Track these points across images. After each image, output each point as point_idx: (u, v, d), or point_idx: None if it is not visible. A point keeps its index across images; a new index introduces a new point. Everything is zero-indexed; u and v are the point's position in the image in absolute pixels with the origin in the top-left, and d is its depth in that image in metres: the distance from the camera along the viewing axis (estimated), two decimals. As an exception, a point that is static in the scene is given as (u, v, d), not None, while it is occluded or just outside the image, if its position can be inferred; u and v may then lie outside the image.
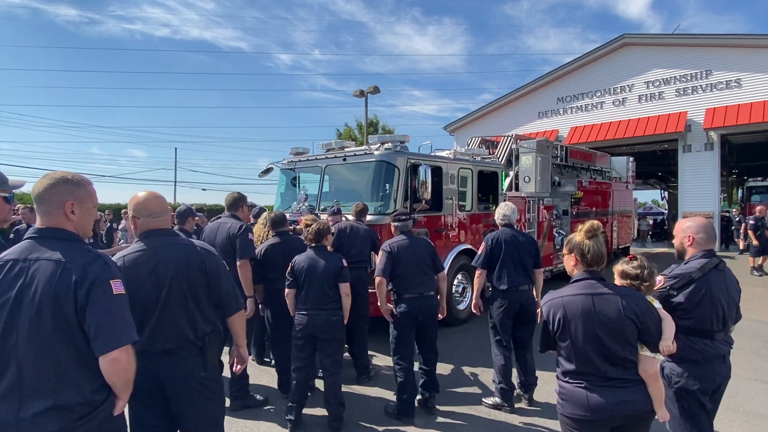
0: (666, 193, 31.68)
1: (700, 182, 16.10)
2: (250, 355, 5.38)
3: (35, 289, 1.59)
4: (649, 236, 21.41)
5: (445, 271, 6.62)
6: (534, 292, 4.27)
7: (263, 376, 4.95)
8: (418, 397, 4.03)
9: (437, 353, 4.13)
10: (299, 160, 7.00)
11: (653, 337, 2.07)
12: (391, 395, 4.28)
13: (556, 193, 10.00)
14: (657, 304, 2.21)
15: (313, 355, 3.79)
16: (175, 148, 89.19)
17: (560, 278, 9.99)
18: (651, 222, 22.92)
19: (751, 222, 11.01)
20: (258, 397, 4.29)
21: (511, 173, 9.14)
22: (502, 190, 8.16)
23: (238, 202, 4.50)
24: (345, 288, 3.76)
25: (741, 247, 15.14)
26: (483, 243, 4.31)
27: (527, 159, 8.83)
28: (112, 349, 1.62)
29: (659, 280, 2.46)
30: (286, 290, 3.78)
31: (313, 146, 7.30)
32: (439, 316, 4.22)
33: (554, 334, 2.14)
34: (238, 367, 2.57)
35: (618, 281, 2.25)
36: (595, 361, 2.03)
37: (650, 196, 50.98)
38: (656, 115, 16.71)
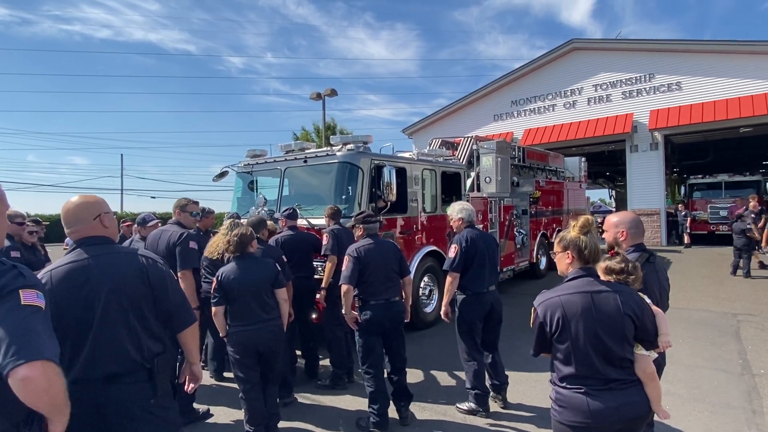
0: (613, 192, 33.15)
1: (647, 180, 16.87)
2: (206, 369, 5.11)
3: None
4: (599, 233, 22.26)
5: (411, 274, 6.59)
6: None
7: (223, 393, 4.61)
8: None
9: (405, 360, 3.96)
10: (257, 163, 6.69)
11: (649, 333, 2.01)
12: (364, 406, 4.07)
13: (515, 193, 10.13)
14: (647, 299, 2.14)
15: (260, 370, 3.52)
16: (121, 155, 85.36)
17: (521, 277, 10.14)
18: (600, 220, 23.87)
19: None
20: (199, 409, 4.04)
21: (473, 174, 9.18)
22: (465, 190, 8.15)
23: (181, 208, 4.28)
24: (282, 293, 3.56)
25: (686, 242, 16.00)
26: (454, 245, 4.06)
27: (488, 160, 8.88)
28: (17, 365, 1.30)
29: None
30: (214, 309, 3.42)
31: (271, 149, 7.01)
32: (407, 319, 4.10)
33: (551, 336, 2.02)
34: (191, 386, 2.30)
35: (602, 278, 2.17)
36: (595, 362, 1.94)
37: (598, 195, 53.25)
38: (605, 117, 17.38)
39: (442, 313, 4.16)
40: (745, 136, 18.26)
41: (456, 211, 4.27)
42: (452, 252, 4.05)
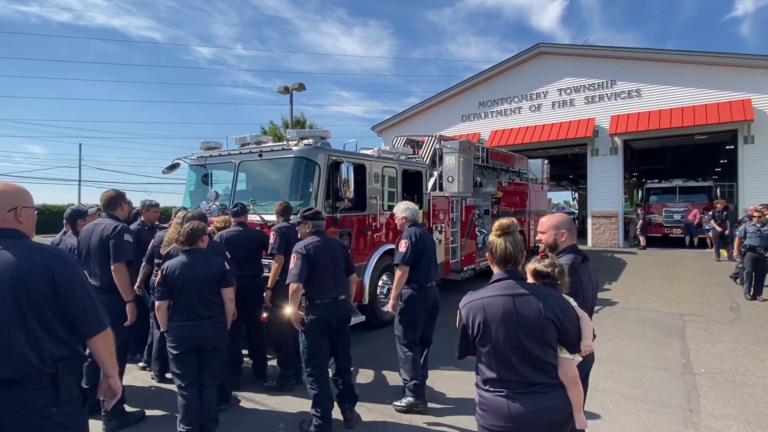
0: (576, 194, 34.03)
1: (607, 184, 17.35)
2: (149, 370, 4.90)
3: None
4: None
5: (370, 271, 6.53)
6: None
7: (162, 395, 4.41)
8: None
9: (351, 360, 3.91)
10: (210, 155, 6.46)
11: (572, 337, 1.99)
12: (308, 407, 3.97)
13: (478, 193, 10.22)
14: (573, 302, 2.13)
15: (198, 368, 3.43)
16: (80, 144, 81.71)
17: (482, 276, 10.21)
18: None
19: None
20: (134, 411, 3.95)
21: (435, 173, 9.19)
22: (427, 189, 8.13)
23: (115, 200, 4.11)
24: (229, 293, 3.50)
25: (642, 244, 16.55)
26: (404, 240, 4.17)
27: (450, 159, 8.92)
28: None
29: None
30: (157, 302, 3.38)
31: (227, 141, 6.78)
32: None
33: (474, 339, 1.98)
34: (111, 402, 2.12)
35: (530, 280, 2.15)
36: (516, 366, 1.91)
37: (562, 197, 54.67)
38: (568, 120, 17.76)
39: (390, 306, 4.20)
40: (700, 143, 19.05)
41: (400, 210, 4.42)
42: (403, 246, 4.13)
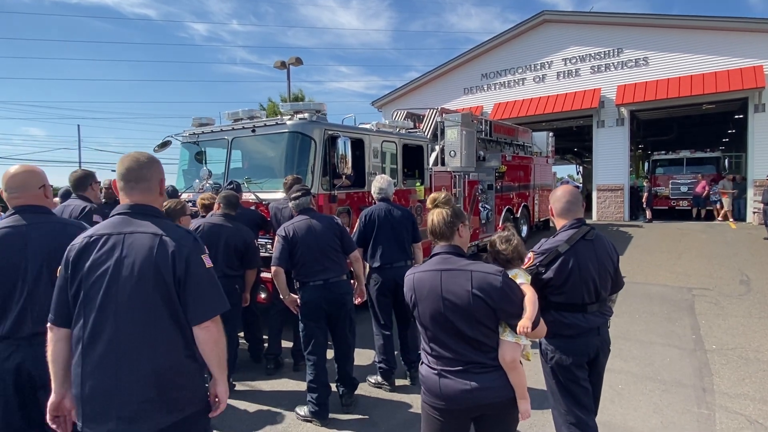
0: (581, 168, 33.58)
1: (612, 156, 16.96)
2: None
3: (134, 260, 1.63)
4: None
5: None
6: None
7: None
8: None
9: (350, 346, 3.68)
10: (203, 132, 6.21)
11: (514, 316, 1.86)
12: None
13: (481, 168, 9.93)
14: (520, 279, 2.02)
15: None
16: (78, 125, 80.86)
17: (485, 251, 10.04)
18: None
19: None
20: None
21: (437, 147, 8.92)
22: (428, 164, 7.88)
23: (84, 180, 3.90)
24: None
25: (648, 217, 16.29)
26: (357, 220, 4.12)
27: (452, 133, 8.63)
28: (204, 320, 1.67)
29: (529, 257, 2.36)
30: None
31: (220, 117, 6.51)
32: (358, 300, 3.88)
33: (412, 312, 2.00)
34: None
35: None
36: (448, 343, 1.87)
37: (567, 171, 54.05)
38: (573, 91, 17.27)
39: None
40: (708, 113, 18.57)
41: (373, 184, 4.34)
42: (354, 226, 4.18)
